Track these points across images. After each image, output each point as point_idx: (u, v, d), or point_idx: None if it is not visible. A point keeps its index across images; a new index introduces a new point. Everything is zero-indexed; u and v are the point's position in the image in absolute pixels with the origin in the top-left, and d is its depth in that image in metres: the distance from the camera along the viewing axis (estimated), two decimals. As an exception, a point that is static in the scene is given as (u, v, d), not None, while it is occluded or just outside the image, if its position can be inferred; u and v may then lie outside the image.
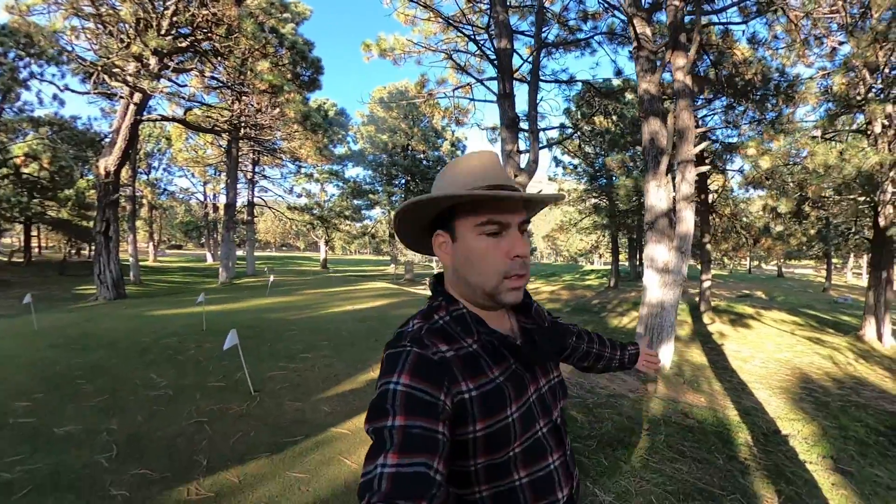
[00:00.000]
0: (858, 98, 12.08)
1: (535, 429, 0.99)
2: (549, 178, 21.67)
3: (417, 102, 23.04)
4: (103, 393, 4.26)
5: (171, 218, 46.95)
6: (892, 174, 10.78)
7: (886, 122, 11.51)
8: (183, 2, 13.54)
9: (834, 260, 29.10)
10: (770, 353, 9.63)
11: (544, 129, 13.30)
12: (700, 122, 14.65)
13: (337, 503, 2.73)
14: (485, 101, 12.63)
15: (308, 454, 3.28)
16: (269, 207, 30.59)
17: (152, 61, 13.23)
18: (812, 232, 14.41)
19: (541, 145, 12.22)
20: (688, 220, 7.36)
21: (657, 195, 7.44)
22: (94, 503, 2.63)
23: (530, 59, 12.38)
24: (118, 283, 13.79)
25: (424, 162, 28.85)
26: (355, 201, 29.80)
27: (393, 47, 13.21)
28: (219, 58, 15.76)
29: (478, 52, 12.73)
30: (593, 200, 20.27)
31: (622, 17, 9.76)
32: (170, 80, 15.14)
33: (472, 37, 12.32)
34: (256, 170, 28.28)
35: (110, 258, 13.47)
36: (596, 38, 12.61)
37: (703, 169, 8.41)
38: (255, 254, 37.16)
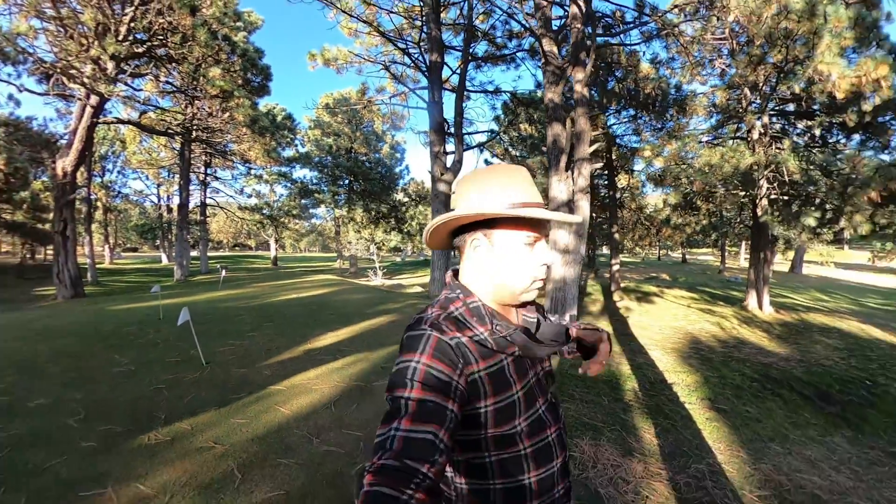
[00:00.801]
0: (740, 111, 13.34)
1: (537, 406, 1.05)
2: None
3: (358, 109, 23.12)
4: (70, 372, 4.44)
5: (125, 220, 44.63)
6: (766, 173, 12.02)
7: (762, 130, 12.79)
8: (141, 9, 13.18)
9: (733, 248, 30.84)
10: (667, 322, 10.36)
11: (471, 133, 13.79)
12: (609, 130, 15.66)
13: (270, 438, 3.12)
14: (418, 108, 13.01)
15: (249, 406, 3.65)
16: (221, 208, 29.70)
17: (109, 66, 12.90)
18: (704, 222, 15.69)
19: (466, 147, 12.80)
20: (584, 208, 8.07)
21: (558, 188, 8.11)
22: (67, 453, 2.91)
23: (459, 71, 12.81)
24: (77, 282, 13.46)
25: (367, 164, 28.86)
26: (303, 201, 29.44)
27: (336, 57, 13.42)
28: (173, 63, 15.44)
29: (412, 64, 13.04)
30: None
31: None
32: (126, 83, 14.70)
33: (407, 50, 12.64)
34: (208, 171, 27.52)
35: (68, 258, 13.13)
36: (519, 54, 13.13)
37: (597, 165, 9.22)
38: (209, 253, 35.93)
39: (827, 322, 9.97)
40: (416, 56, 12.48)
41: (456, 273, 1.12)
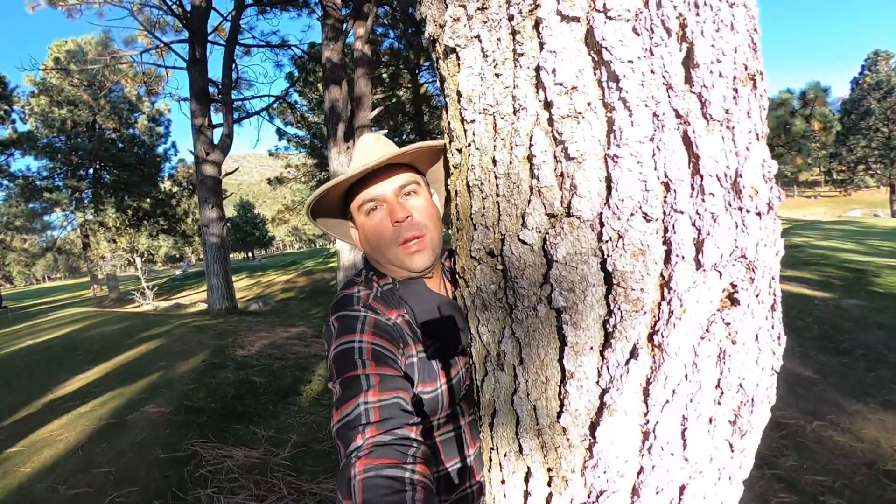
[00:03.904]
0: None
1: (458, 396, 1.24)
2: (271, 153, 22.39)
3: (100, 67, 20.97)
4: None
5: None
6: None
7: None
8: None
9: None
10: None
11: (251, 98, 13.94)
12: (423, 88, 17.27)
13: (10, 501, 3.49)
14: (178, 67, 12.64)
15: (-16, 479, 3.86)
16: None
17: None
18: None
19: (246, 115, 13.02)
20: (368, 184, 9.20)
21: (338, 161, 8.94)
22: None
23: (231, 18, 12.53)
24: None
25: (118, 143, 26.91)
26: (30, 205, 25.99)
27: (65, -7, 12.34)
28: None
29: (168, 8, 12.57)
30: (325, 173, 21.27)
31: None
32: None
33: (161, -10, 12.07)
34: None
35: None
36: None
37: (382, 133, 10.38)
38: None
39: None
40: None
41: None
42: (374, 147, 1.25)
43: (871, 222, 28.62)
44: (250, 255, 71.98)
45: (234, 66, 12.51)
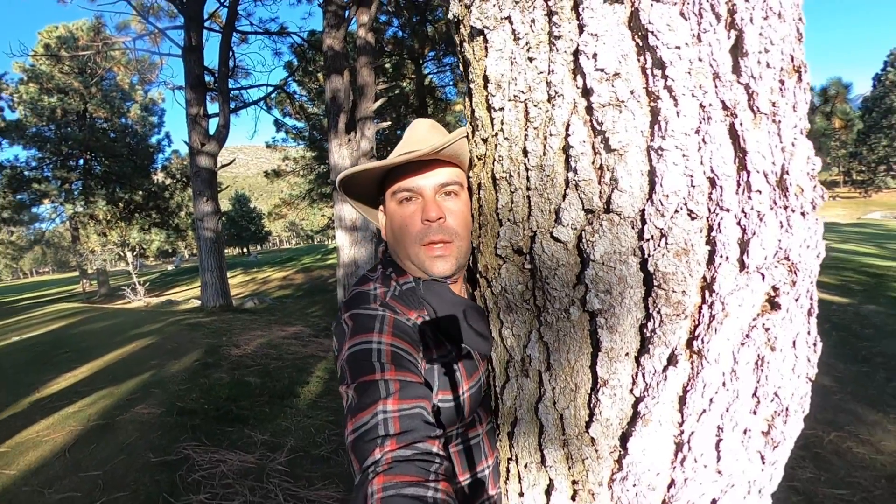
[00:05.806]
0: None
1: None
2: (269, 145, 22.42)
3: (92, 54, 20.98)
4: None
5: None
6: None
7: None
8: None
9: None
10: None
11: (247, 88, 13.97)
12: (428, 78, 17.32)
13: None
14: (173, 55, 12.58)
15: (-34, 479, 3.86)
16: None
17: None
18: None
19: (241, 105, 13.01)
20: (369, 177, 9.24)
21: (339, 154, 9.08)
22: None
23: (228, 4, 12.58)
24: None
25: (110, 133, 26.97)
26: (17, 196, 25.90)
27: (56, -23, 12.61)
28: None
29: None
30: (324, 167, 21.86)
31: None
32: None
33: (155, -27, 12.46)
34: None
35: None
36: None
37: (385, 125, 10.40)
38: None
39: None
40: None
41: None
42: (424, 136, 1.23)
43: (893, 225, 28.69)
44: (245, 250, 72.04)
45: (231, 53, 12.55)
